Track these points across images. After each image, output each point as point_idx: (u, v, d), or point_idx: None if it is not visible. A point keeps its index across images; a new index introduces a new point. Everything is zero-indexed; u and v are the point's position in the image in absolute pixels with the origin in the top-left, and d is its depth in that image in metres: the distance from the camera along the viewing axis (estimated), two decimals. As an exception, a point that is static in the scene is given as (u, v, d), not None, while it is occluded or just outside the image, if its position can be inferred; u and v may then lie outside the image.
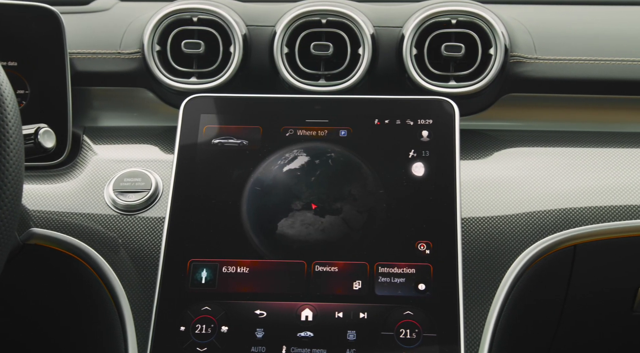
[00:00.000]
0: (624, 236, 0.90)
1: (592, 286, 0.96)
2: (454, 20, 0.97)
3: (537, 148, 0.99)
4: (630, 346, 1.08)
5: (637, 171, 0.93)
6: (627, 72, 0.99)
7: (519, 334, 0.94)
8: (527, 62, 0.99)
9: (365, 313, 0.77)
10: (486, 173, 0.94)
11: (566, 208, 0.90)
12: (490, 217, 0.89)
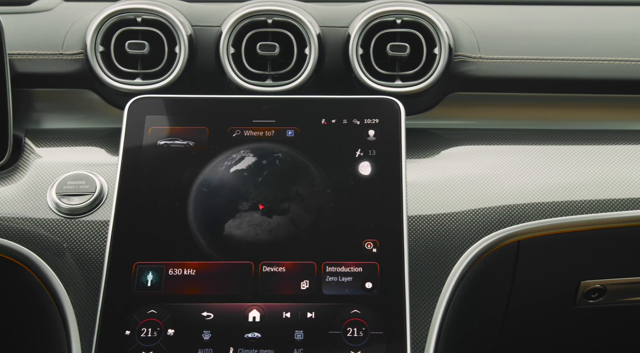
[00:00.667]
0: (566, 232, 0.92)
1: (536, 281, 0.98)
2: (399, 20, 0.98)
3: (483, 146, 1.00)
4: (573, 339, 1.11)
5: (579, 168, 0.96)
6: (567, 71, 1.01)
7: (465, 329, 0.96)
8: (471, 62, 1.00)
9: (312, 312, 0.77)
10: (433, 171, 0.95)
11: (510, 205, 0.92)
12: (437, 215, 0.90)
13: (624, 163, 0.97)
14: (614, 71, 1.00)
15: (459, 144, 1.00)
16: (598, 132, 1.02)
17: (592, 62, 1.01)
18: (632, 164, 0.96)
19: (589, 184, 0.94)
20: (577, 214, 0.92)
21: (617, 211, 0.91)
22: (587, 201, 0.92)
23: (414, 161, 0.96)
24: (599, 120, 1.05)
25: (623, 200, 0.92)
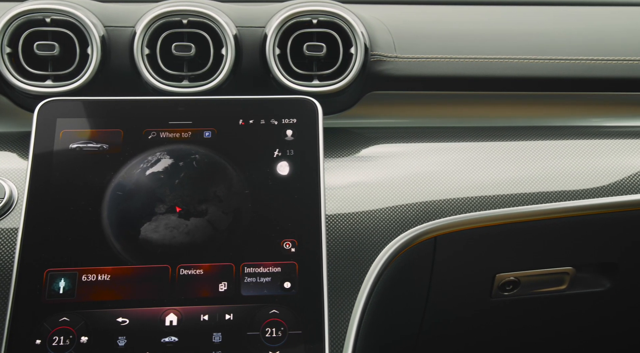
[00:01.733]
0: (480, 227, 0.95)
1: (453, 275, 1.00)
2: (315, 20, 0.98)
3: (401, 144, 1.02)
4: (490, 330, 1.14)
5: (493, 165, 0.98)
6: (480, 69, 1.04)
7: (386, 325, 0.97)
8: (388, 61, 1.02)
9: (231, 314, 0.77)
10: (351, 169, 0.96)
11: (427, 202, 0.93)
12: (355, 213, 0.91)
13: (537, 159, 1.00)
14: (524, 69, 1.03)
15: (377, 142, 1.01)
16: (512, 128, 1.05)
17: (504, 60, 1.04)
18: (544, 160, 1.00)
19: (503, 180, 0.97)
20: (490, 210, 0.95)
21: (526, 206, 0.94)
22: (500, 196, 0.95)
23: (333, 160, 0.97)
24: (513, 117, 1.08)
25: (534, 194, 0.95)
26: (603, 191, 0.97)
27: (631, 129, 1.06)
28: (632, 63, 1.04)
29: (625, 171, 0.99)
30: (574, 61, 1.04)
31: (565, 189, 0.96)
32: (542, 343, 1.18)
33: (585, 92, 1.07)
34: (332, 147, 0.98)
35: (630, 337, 1.20)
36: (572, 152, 1.01)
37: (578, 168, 0.99)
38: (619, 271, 1.05)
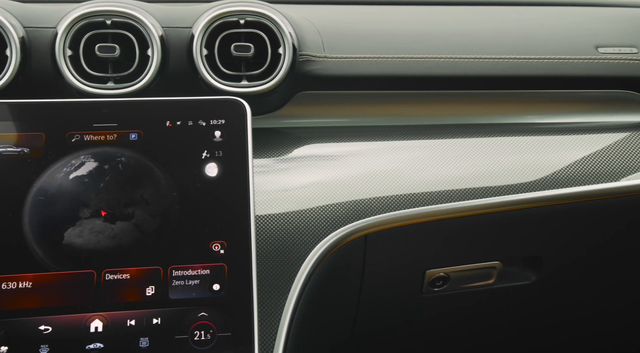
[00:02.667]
0: (409, 224, 0.96)
1: (385, 273, 1.01)
2: (242, 21, 0.98)
3: (332, 143, 1.02)
4: (422, 325, 1.16)
5: (421, 163, 1.00)
6: (409, 69, 1.05)
7: (318, 324, 0.98)
8: (316, 61, 1.02)
9: (158, 318, 0.76)
10: (282, 169, 0.96)
11: (357, 200, 0.94)
12: (285, 213, 0.91)
13: (464, 157, 1.02)
14: (451, 68, 1.05)
15: (308, 142, 1.02)
16: (440, 127, 1.07)
17: (431, 59, 1.05)
18: (471, 158, 1.02)
19: (432, 178, 0.98)
20: (420, 207, 0.96)
21: (453, 203, 0.96)
22: (429, 193, 0.96)
23: (263, 161, 0.97)
24: (442, 115, 1.10)
25: (461, 191, 0.97)
26: (528, 187, 1.00)
27: (556, 126, 1.10)
28: (553, 61, 1.07)
29: (549, 167, 1.02)
30: (498, 60, 1.06)
31: (491, 185, 0.99)
32: (472, 337, 1.20)
33: (511, 90, 1.09)
34: (262, 147, 0.98)
35: (555, 328, 1.24)
36: (498, 149, 1.03)
37: (504, 165, 1.01)
38: (544, 265, 1.08)
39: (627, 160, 1.04)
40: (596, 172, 1.02)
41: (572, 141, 1.06)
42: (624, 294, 1.20)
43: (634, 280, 1.18)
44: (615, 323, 1.27)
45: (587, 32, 1.12)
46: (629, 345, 1.36)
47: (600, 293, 1.19)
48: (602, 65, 1.07)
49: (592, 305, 1.21)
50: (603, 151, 1.04)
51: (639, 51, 1.09)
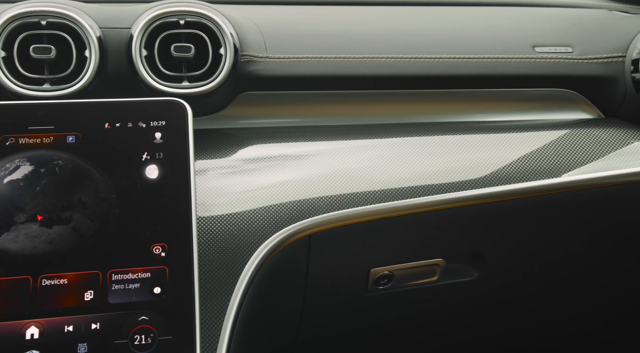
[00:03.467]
0: (353, 223, 0.96)
1: (329, 272, 1.02)
2: (182, 21, 0.97)
3: (275, 144, 1.02)
4: (368, 324, 1.16)
5: (365, 162, 1.00)
6: (352, 69, 1.06)
7: (262, 326, 0.97)
8: (259, 61, 1.02)
9: (97, 323, 0.75)
10: (225, 171, 0.96)
11: (301, 200, 0.94)
12: (228, 214, 0.90)
13: (407, 156, 1.03)
14: (392, 68, 1.06)
15: (251, 143, 1.01)
16: (384, 126, 1.08)
17: (373, 59, 1.06)
18: (414, 156, 1.03)
19: (375, 176, 0.99)
20: (363, 206, 0.97)
21: (396, 201, 0.97)
22: (372, 192, 0.97)
23: (205, 162, 0.96)
24: (386, 115, 1.11)
25: (405, 189, 0.98)
26: (470, 184, 1.01)
27: (498, 124, 1.12)
28: (492, 61, 1.09)
29: (491, 165, 1.03)
30: (439, 59, 1.08)
31: (434, 183, 1.00)
32: (417, 334, 1.22)
33: (453, 90, 1.11)
34: (205, 149, 0.97)
35: (499, 322, 1.26)
36: (441, 148, 1.05)
37: (446, 163, 1.02)
38: (485, 261, 1.10)
39: (567, 157, 1.06)
40: (536, 169, 1.04)
41: (514, 139, 1.08)
42: (564, 288, 1.23)
43: (574, 273, 1.21)
44: (557, 316, 1.30)
45: (525, 32, 1.14)
46: (571, 337, 1.39)
47: (541, 287, 1.21)
48: (538, 64, 1.09)
49: (533, 298, 1.24)
50: (544, 149, 1.07)
51: (574, 50, 1.11)
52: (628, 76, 1.09)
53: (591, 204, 1.10)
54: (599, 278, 1.22)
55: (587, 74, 1.10)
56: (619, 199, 1.10)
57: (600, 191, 1.08)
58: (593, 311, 1.31)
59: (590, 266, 1.19)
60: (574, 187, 1.06)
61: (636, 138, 1.09)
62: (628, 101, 1.10)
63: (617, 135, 1.09)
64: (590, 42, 1.13)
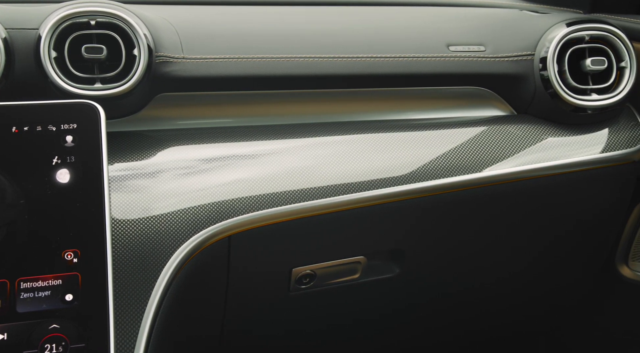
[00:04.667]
0: (273, 223, 0.96)
1: (251, 273, 1.01)
2: (93, 21, 0.94)
3: (194, 145, 1.01)
4: (292, 324, 1.16)
5: (283, 161, 1.01)
6: (269, 69, 1.05)
7: (182, 331, 0.96)
8: (174, 62, 1.01)
9: (4, 333, 0.72)
10: (142, 173, 0.94)
11: (220, 201, 0.94)
12: (145, 218, 0.89)
13: (330, 155, 1.03)
14: (309, 67, 1.06)
15: (169, 145, 1.00)
16: (303, 126, 1.08)
17: (291, 59, 1.06)
18: (338, 156, 1.03)
19: (295, 176, 0.99)
20: (283, 205, 0.97)
21: (317, 200, 0.98)
22: (293, 191, 0.97)
23: (121, 165, 0.94)
24: (305, 114, 1.11)
25: (328, 187, 0.99)
26: (389, 182, 1.02)
27: (416, 122, 1.13)
28: (407, 60, 1.10)
29: (411, 163, 1.05)
30: (356, 59, 1.09)
31: (353, 181, 1.01)
32: (342, 332, 1.22)
33: (371, 89, 1.12)
34: (121, 152, 0.95)
35: (422, 318, 1.28)
36: (360, 146, 1.06)
37: (366, 162, 1.03)
38: (406, 257, 1.11)
39: (482, 153, 1.09)
40: (453, 166, 1.06)
41: (431, 137, 1.10)
42: (484, 281, 1.26)
43: (494, 268, 1.24)
44: (478, 310, 1.33)
45: (439, 32, 1.17)
46: (491, 331, 1.43)
47: (462, 281, 1.24)
48: (452, 63, 1.12)
49: (455, 292, 1.26)
50: (461, 146, 1.09)
51: (486, 49, 1.14)
52: (537, 73, 1.12)
53: (507, 197, 1.13)
54: (515, 269, 1.26)
55: (498, 72, 1.13)
56: (532, 192, 1.13)
57: (515, 185, 1.11)
58: (512, 303, 1.34)
59: (506, 258, 1.23)
60: (491, 182, 1.09)
61: (546, 134, 1.13)
62: (538, 98, 1.13)
63: (528, 131, 1.13)
64: (501, 41, 1.16)
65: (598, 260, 1.30)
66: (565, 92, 1.11)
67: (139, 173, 0.94)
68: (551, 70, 1.11)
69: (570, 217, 1.22)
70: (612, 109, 1.14)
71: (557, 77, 1.11)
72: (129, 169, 0.94)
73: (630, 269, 1.29)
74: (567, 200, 1.19)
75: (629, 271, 1.29)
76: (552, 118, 1.14)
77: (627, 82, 1.12)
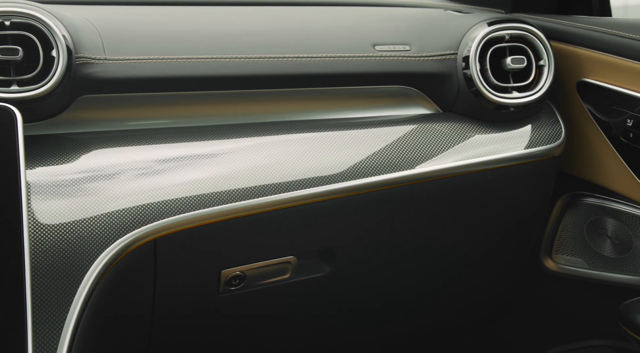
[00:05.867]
0: (201, 225, 0.95)
1: (179, 276, 1.00)
2: (8, 22, 0.91)
3: (117, 148, 0.99)
4: (224, 327, 1.16)
5: (211, 163, 1.00)
6: (194, 69, 1.03)
7: (109, 337, 0.94)
8: (96, 63, 0.98)
9: None
10: (63, 177, 0.92)
11: (145, 204, 0.92)
12: (66, 223, 0.87)
13: (259, 155, 1.03)
14: (236, 68, 1.05)
15: (92, 148, 0.97)
16: (230, 126, 1.07)
17: (216, 60, 1.05)
18: (267, 156, 1.03)
19: (222, 177, 0.98)
20: (211, 207, 0.96)
21: (245, 201, 0.97)
22: (218, 193, 0.97)
23: (40, 169, 0.91)
24: (233, 115, 1.10)
25: (255, 188, 0.99)
26: (319, 181, 1.03)
27: (346, 122, 1.14)
28: (334, 59, 1.11)
29: (342, 162, 1.06)
30: (283, 59, 1.09)
31: (281, 181, 1.01)
32: (275, 333, 1.22)
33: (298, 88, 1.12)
34: (40, 155, 0.93)
35: (354, 316, 1.29)
36: (289, 146, 1.06)
37: (294, 162, 1.03)
38: (336, 256, 1.12)
39: (411, 151, 1.10)
40: (382, 164, 1.07)
41: (359, 136, 1.11)
42: (416, 279, 1.28)
43: (424, 264, 1.26)
44: (409, 307, 1.35)
45: (366, 31, 1.18)
46: (424, 326, 1.45)
47: (392, 279, 1.25)
48: (378, 62, 1.13)
49: (386, 291, 1.28)
50: (391, 144, 1.10)
51: (411, 48, 1.16)
52: (460, 72, 1.14)
53: (434, 195, 1.15)
54: (444, 265, 1.28)
55: (423, 71, 1.15)
56: (459, 188, 1.15)
57: (443, 182, 1.13)
58: (442, 298, 1.37)
59: (436, 254, 1.25)
60: (418, 180, 1.10)
61: (471, 131, 1.15)
62: (462, 96, 1.15)
63: (455, 129, 1.15)
64: (426, 41, 1.18)
65: (524, 253, 1.34)
66: (487, 91, 1.13)
67: (61, 177, 0.91)
68: (473, 69, 1.13)
69: (497, 212, 1.25)
70: (533, 106, 1.17)
71: (479, 76, 1.13)
72: (50, 173, 0.91)
73: (554, 262, 1.33)
74: (493, 196, 1.21)
75: (552, 263, 1.33)
76: (476, 116, 1.17)
77: (545, 80, 1.16)
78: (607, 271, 1.26)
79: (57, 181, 0.91)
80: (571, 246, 1.31)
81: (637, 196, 1.14)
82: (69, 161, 0.94)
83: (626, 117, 1.12)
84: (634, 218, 1.18)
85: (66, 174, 0.92)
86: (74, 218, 0.87)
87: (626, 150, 1.14)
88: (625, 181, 1.16)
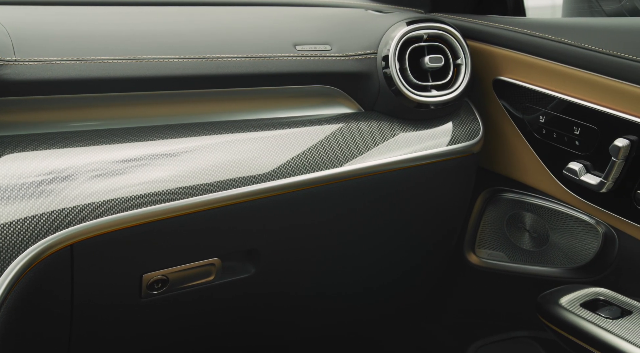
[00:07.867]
0: (119, 229, 0.93)
1: (98, 282, 0.98)
2: None
3: (30, 152, 0.95)
4: (147, 332, 1.14)
5: (130, 166, 0.98)
6: (109, 71, 1.01)
7: (24, 344, 0.91)
8: (6, 65, 0.95)
9: None
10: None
11: (61, 209, 0.90)
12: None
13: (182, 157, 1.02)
14: (155, 69, 1.04)
15: (5, 152, 0.94)
16: (150, 128, 1.05)
17: (133, 61, 1.03)
18: (191, 157, 1.02)
19: (143, 179, 0.97)
20: (130, 210, 0.94)
21: (164, 203, 0.96)
22: (137, 196, 0.95)
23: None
24: (154, 116, 1.08)
25: (176, 190, 0.97)
26: (241, 182, 1.02)
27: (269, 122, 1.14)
28: (254, 59, 1.10)
29: (269, 162, 1.05)
30: (203, 59, 1.08)
31: (205, 182, 1.00)
32: (200, 336, 1.21)
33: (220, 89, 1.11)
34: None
35: (278, 316, 1.28)
36: (213, 147, 1.05)
37: (218, 163, 1.02)
38: (261, 256, 1.12)
39: (336, 150, 1.11)
40: (306, 163, 1.08)
41: (283, 136, 1.10)
42: (342, 277, 1.29)
43: (350, 261, 1.27)
44: (336, 305, 1.35)
45: (286, 31, 1.18)
46: (353, 323, 1.46)
47: (319, 278, 1.26)
48: (299, 62, 1.13)
49: (313, 290, 1.28)
50: (317, 144, 1.10)
51: (332, 48, 1.17)
52: (380, 71, 1.16)
53: (359, 192, 1.16)
54: (370, 261, 1.29)
55: (343, 70, 1.16)
56: (383, 185, 1.17)
57: (367, 180, 1.14)
58: (367, 293, 1.38)
59: (361, 251, 1.26)
60: (342, 178, 1.11)
61: (394, 129, 1.17)
62: (382, 95, 1.17)
63: (377, 127, 1.16)
64: (346, 40, 1.18)
65: (448, 248, 1.36)
66: (407, 89, 1.15)
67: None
68: (393, 68, 1.14)
69: (421, 208, 1.27)
70: (452, 104, 1.19)
71: (398, 75, 1.15)
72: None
73: (477, 256, 1.36)
74: (416, 192, 1.23)
75: (475, 258, 1.36)
76: (397, 114, 1.18)
77: (463, 78, 1.18)
78: (526, 264, 1.29)
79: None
80: (492, 241, 1.35)
81: (552, 190, 1.18)
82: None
83: (539, 114, 1.15)
84: (550, 212, 1.22)
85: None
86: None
87: (540, 146, 1.17)
88: (540, 176, 1.19)
